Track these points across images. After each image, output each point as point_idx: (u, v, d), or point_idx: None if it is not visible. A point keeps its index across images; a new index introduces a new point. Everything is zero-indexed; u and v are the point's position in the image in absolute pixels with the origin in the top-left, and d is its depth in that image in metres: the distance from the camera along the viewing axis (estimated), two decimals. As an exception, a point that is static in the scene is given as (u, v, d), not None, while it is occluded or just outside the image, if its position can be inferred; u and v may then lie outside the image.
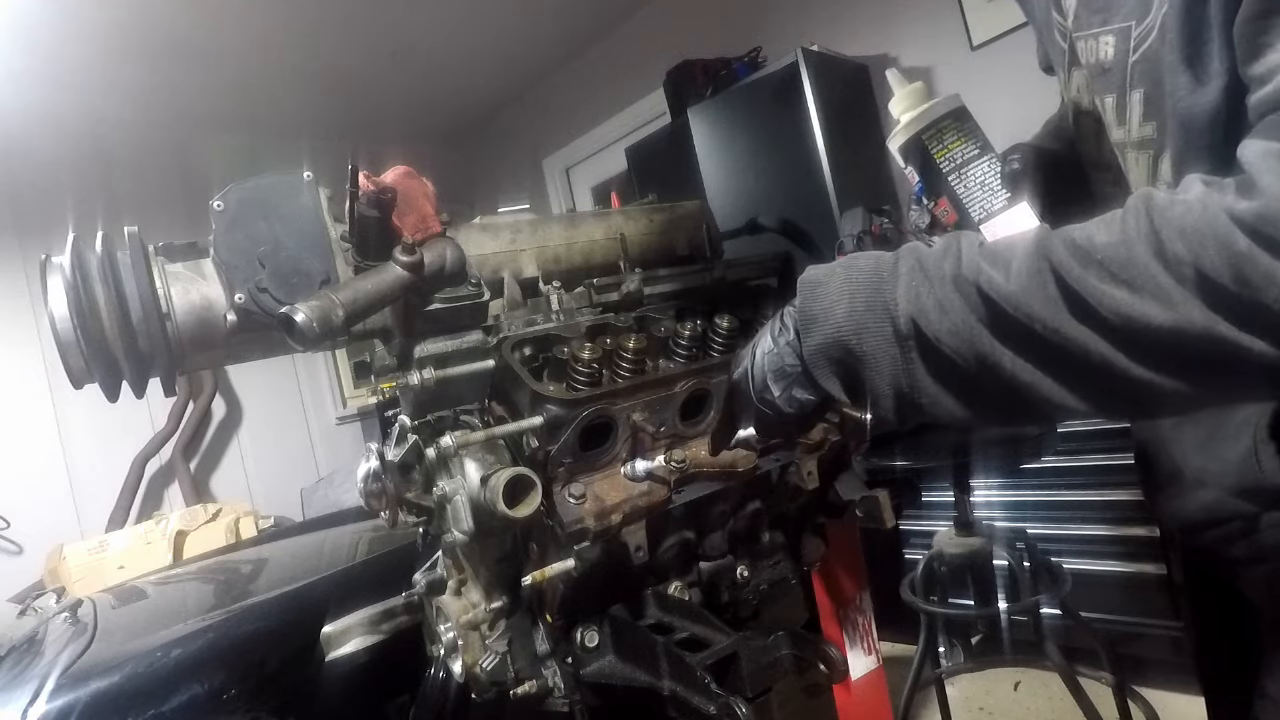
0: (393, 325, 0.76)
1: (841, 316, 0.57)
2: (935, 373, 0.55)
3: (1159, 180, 0.66)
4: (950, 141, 0.85)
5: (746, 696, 0.76)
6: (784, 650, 0.81)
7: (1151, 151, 0.66)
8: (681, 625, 0.84)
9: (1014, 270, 0.51)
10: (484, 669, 0.74)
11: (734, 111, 3.12)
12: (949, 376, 0.55)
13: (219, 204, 0.69)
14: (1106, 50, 0.65)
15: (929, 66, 2.96)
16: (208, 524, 3.20)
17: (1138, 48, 0.62)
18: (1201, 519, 0.75)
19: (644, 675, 0.76)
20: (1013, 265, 0.51)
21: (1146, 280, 0.46)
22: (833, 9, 3.22)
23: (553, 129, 4.59)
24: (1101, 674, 1.68)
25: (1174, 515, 0.80)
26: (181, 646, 0.98)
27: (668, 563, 0.86)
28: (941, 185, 0.85)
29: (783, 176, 2.96)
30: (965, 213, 0.84)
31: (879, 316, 0.56)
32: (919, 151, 0.85)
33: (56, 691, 0.90)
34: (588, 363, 0.77)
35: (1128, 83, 0.64)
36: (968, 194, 0.84)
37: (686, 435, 0.81)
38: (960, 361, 0.53)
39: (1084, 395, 0.51)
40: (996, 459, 1.56)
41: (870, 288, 0.57)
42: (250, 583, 1.51)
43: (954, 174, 0.84)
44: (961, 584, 1.69)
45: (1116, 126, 0.68)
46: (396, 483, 0.70)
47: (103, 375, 0.67)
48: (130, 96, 3.54)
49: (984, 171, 0.84)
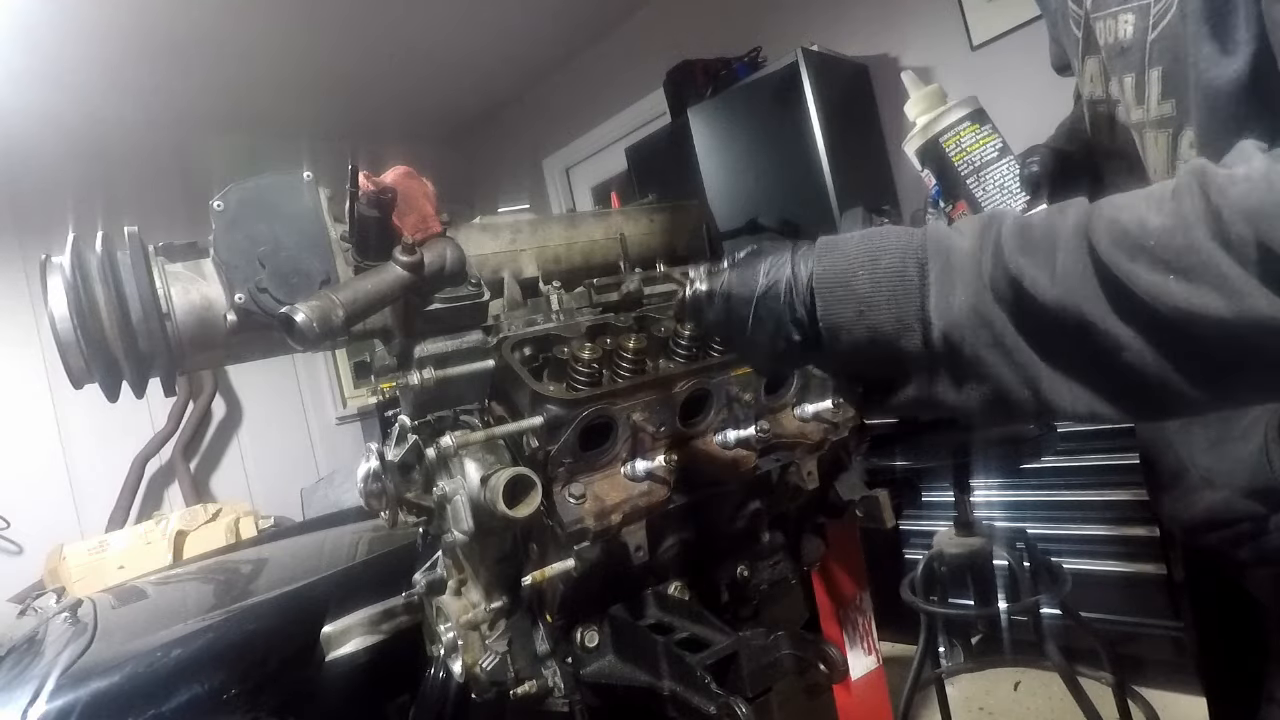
0: (393, 325, 0.76)
1: (865, 330, 0.53)
2: (960, 382, 0.51)
3: (1179, 159, 0.65)
4: (968, 144, 0.83)
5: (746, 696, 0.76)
6: (784, 650, 0.81)
7: (1171, 130, 0.65)
8: (681, 625, 0.84)
9: (1058, 269, 0.46)
10: (484, 669, 0.74)
11: (734, 111, 3.12)
12: (977, 385, 0.51)
13: (219, 204, 0.69)
14: (1126, 29, 0.64)
15: (929, 66, 2.96)
16: (208, 524, 3.21)
17: (1157, 24, 0.61)
18: (1208, 520, 0.74)
19: (644, 675, 0.76)
20: (1056, 261, 0.46)
21: (1207, 269, 0.41)
22: (833, 9, 3.23)
23: (553, 129, 4.59)
24: (1101, 674, 1.68)
25: (1178, 516, 0.80)
26: (181, 646, 0.98)
27: (668, 563, 0.86)
28: (959, 188, 0.84)
29: (783, 177, 2.96)
30: None
31: (908, 329, 0.51)
32: (936, 155, 0.84)
33: (56, 691, 0.90)
34: (588, 363, 0.77)
35: (1146, 61, 0.63)
36: (986, 197, 0.83)
37: (686, 435, 0.81)
38: (993, 372, 0.49)
39: (1126, 403, 0.47)
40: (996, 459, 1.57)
41: (900, 297, 0.51)
42: (250, 583, 1.51)
43: (972, 177, 0.84)
44: (961, 584, 1.68)
45: (1136, 106, 0.67)
46: (396, 483, 0.70)
47: (103, 375, 0.67)
48: (130, 96, 3.54)
49: (1003, 174, 0.83)
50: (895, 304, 0.51)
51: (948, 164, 0.84)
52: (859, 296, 0.53)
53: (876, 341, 0.52)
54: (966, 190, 0.84)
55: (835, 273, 0.54)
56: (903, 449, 1.44)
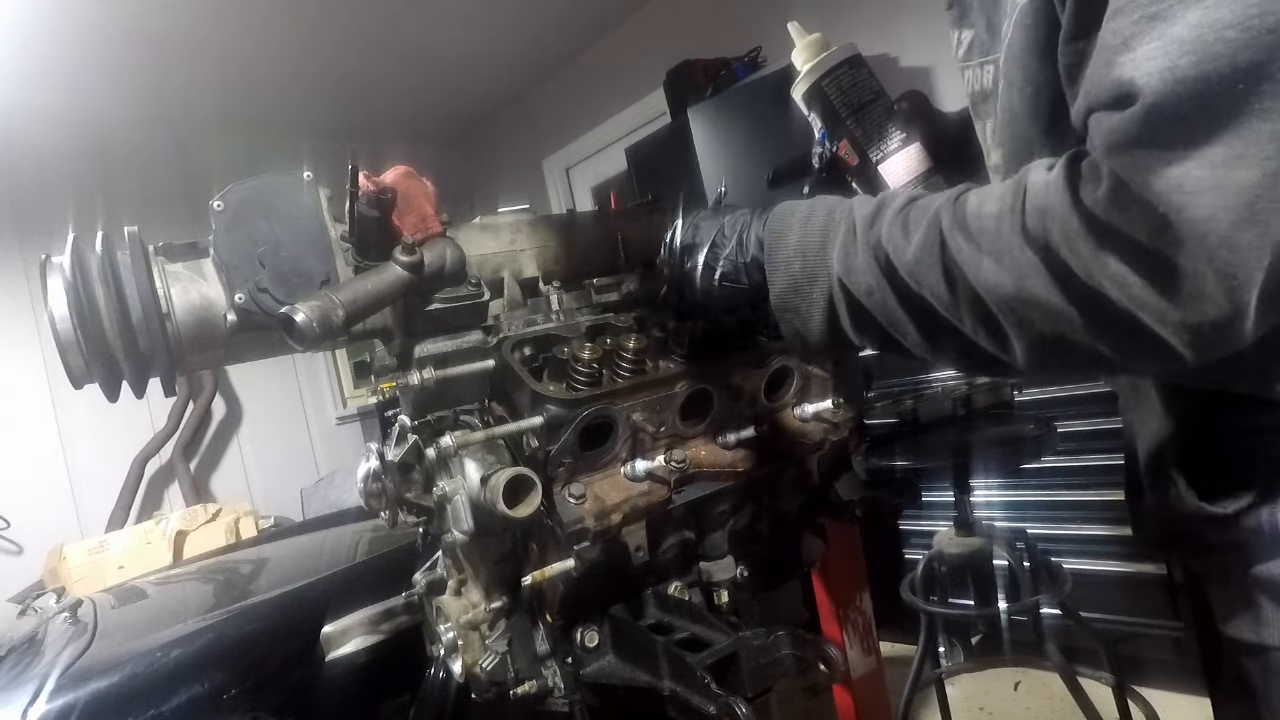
0: (393, 325, 0.76)
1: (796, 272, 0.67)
2: (856, 324, 0.64)
3: None
4: (847, 87, 0.91)
5: (746, 696, 0.76)
6: (784, 650, 0.81)
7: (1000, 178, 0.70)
8: (681, 625, 0.84)
9: (916, 241, 0.57)
10: (484, 669, 0.74)
11: (734, 111, 3.12)
12: (867, 325, 0.63)
13: (219, 204, 0.69)
14: (987, 79, 0.69)
15: (929, 66, 2.96)
16: (208, 524, 3.21)
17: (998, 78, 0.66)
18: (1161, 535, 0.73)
19: (644, 675, 0.76)
20: (919, 234, 0.57)
21: (1009, 253, 0.50)
22: (832, 9, 3.22)
23: (553, 129, 4.59)
24: (1101, 674, 1.68)
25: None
26: (181, 646, 0.98)
27: (668, 563, 0.86)
28: (841, 129, 0.92)
29: (783, 176, 2.95)
30: (864, 154, 0.91)
31: (818, 277, 0.65)
32: (820, 97, 0.92)
33: (56, 691, 0.90)
34: (588, 363, 0.77)
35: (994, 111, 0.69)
36: (865, 136, 0.91)
37: (686, 435, 0.81)
38: (873, 317, 0.61)
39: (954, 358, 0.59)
40: (996, 459, 1.57)
41: (817, 247, 0.66)
42: (250, 583, 1.51)
43: (852, 118, 0.91)
44: (961, 584, 1.69)
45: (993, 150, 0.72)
46: (396, 483, 0.70)
47: (103, 375, 0.67)
48: (130, 96, 3.54)
49: (879, 114, 0.91)
50: (813, 253, 0.66)
51: (830, 106, 0.91)
52: (791, 246, 0.67)
53: (799, 285, 0.66)
54: (848, 130, 0.91)
55: (779, 228, 0.69)
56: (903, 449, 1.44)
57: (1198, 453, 0.62)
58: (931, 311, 0.57)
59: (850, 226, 0.63)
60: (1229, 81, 0.40)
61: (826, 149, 0.94)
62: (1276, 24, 0.39)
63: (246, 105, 3.89)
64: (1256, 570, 0.59)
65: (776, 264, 0.68)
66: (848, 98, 0.91)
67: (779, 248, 0.68)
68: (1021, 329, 0.51)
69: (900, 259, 0.57)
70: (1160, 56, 0.41)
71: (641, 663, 0.77)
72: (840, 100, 0.91)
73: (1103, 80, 0.45)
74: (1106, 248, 0.45)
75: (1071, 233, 0.46)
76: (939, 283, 0.55)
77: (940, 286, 0.55)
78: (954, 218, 0.55)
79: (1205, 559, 0.66)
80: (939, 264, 0.55)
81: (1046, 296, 0.48)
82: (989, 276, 0.51)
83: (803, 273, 0.66)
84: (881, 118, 0.91)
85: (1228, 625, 0.63)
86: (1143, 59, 0.42)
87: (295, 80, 3.78)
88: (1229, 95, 0.40)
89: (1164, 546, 0.74)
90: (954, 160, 0.90)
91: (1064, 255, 0.47)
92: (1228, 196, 0.40)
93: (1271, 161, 0.40)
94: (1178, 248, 0.42)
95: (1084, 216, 0.46)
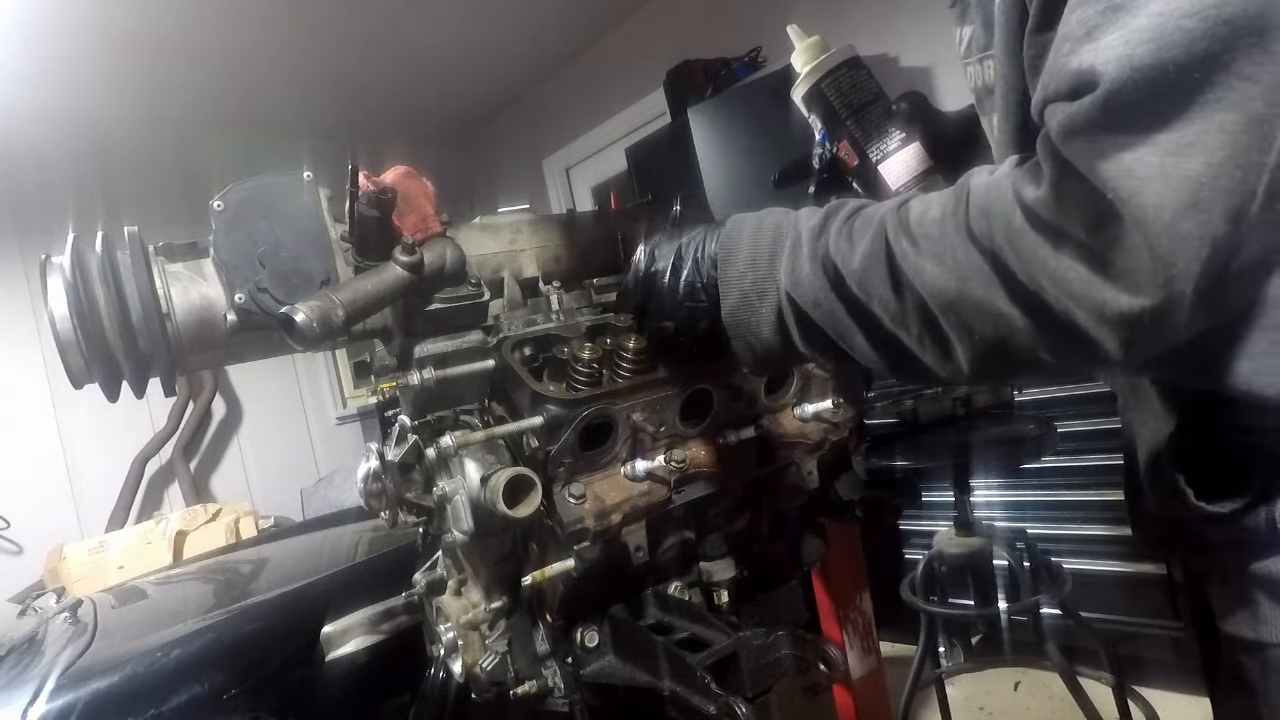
0: (393, 325, 0.76)
1: (746, 288, 0.67)
2: (805, 334, 0.64)
3: None
4: (847, 89, 0.92)
5: (746, 696, 0.76)
6: (784, 650, 0.81)
7: None
8: (681, 625, 0.84)
9: (862, 249, 0.57)
10: (484, 669, 0.74)
11: (734, 111, 3.12)
12: (817, 336, 0.63)
13: (219, 204, 0.69)
14: (988, 74, 0.69)
15: (929, 66, 2.97)
16: (208, 524, 3.20)
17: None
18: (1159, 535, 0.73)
19: (644, 675, 0.76)
20: (864, 243, 0.57)
21: (952, 255, 0.51)
22: (832, 9, 3.22)
23: (553, 129, 4.59)
24: (1101, 674, 1.68)
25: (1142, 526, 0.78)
26: (181, 646, 0.98)
27: (668, 563, 0.86)
28: (841, 130, 0.92)
29: (783, 176, 2.95)
30: (864, 154, 0.91)
31: (767, 291, 0.65)
32: (820, 99, 0.93)
33: (56, 691, 0.90)
34: (588, 363, 0.77)
35: (996, 105, 0.68)
36: (865, 136, 0.92)
37: (686, 435, 0.81)
38: (822, 328, 0.62)
39: (899, 366, 0.58)
40: (996, 459, 1.57)
41: (766, 261, 0.66)
42: (250, 583, 1.51)
43: (851, 118, 0.92)
44: (961, 584, 1.68)
45: (995, 146, 0.72)
46: (396, 483, 0.70)
47: (103, 375, 0.67)
48: (130, 96, 3.54)
49: (878, 115, 0.92)
50: (762, 267, 0.66)
51: (830, 107, 0.92)
52: (741, 262, 0.67)
53: (749, 300, 0.66)
54: (847, 131, 0.92)
55: (729, 244, 0.69)
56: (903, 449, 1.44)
57: (1196, 452, 0.62)
58: (877, 322, 0.57)
59: (796, 239, 0.63)
60: (1185, 70, 0.40)
61: (827, 150, 0.95)
62: (1232, 15, 0.39)
63: (246, 105, 3.89)
64: (1255, 568, 0.59)
65: (729, 281, 0.68)
66: (847, 99, 0.92)
67: (730, 264, 0.68)
68: (964, 334, 0.52)
69: (847, 268, 0.58)
70: (1120, 45, 0.41)
71: (641, 663, 0.77)
72: (840, 101, 0.92)
73: (1063, 70, 0.45)
74: (1046, 246, 0.45)
75: (1012, 232, 0.47)
76: (885, 290, 0.55)
77: (887, 293, 0.55)
78: (899, 223, 0.55)
79: (1205, 558, 0.66)
80: (885, 270, 0.55)
81: (988, 299, 0.49)
82: (932, 280, 0.52)
83: (753, 288, 0.66)
84: (881, 118, 0.91)
85: (1226, 622, 0.64)
86: (1105, 47, 0.42)
87: (295, 80, 3.78)
88: (1184, 84, 0.40)
89: (1164, 546, 0.74)
90: (954, 159, 0.90)
91: (1005, 257, 0.47)
92: (1174, 184, 0.40)
93: (1219, 152, 0.40)
94: (1118, 238, 0.42)
95: (1026, 214, 0.46)
